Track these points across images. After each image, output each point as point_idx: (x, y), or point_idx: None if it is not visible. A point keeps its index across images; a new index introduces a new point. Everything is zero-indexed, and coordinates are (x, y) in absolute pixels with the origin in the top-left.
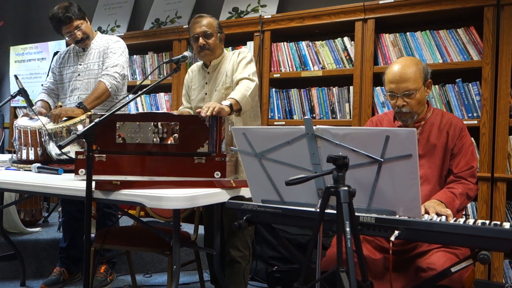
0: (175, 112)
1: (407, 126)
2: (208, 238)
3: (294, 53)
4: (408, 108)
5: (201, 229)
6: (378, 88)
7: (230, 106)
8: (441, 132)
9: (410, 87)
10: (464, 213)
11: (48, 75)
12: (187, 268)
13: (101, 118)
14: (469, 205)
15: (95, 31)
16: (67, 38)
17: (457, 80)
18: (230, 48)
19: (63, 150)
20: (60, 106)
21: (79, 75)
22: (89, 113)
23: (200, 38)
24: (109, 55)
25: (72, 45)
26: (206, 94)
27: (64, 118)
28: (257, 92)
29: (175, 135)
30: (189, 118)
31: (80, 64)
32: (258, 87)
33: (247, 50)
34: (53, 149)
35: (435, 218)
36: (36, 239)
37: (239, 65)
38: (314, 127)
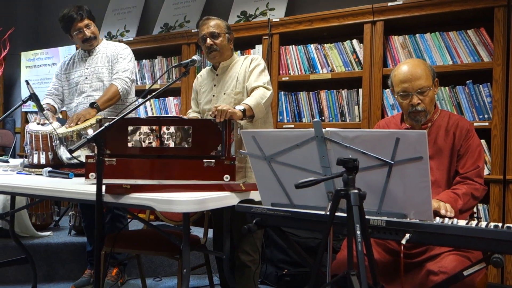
0: (184, 117)
1: (414, 128)
2: (217, 242)
3: (302, 56)
4: (423, 106)
5: (211, 233)
6: (387, 91)
7: (244, 111)
8: (448, 134)
9: (424, 84)
10: (476, 215)
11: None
12: (197, 271)
13: (111, 122)
14: (481, 208)
15: (104, 36)
16: (75, 34)
17: (467, 81)
18: (238, 51)
19: (74, 154)
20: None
21: (86, 78)
22: (99, 117)
23: (208, 38)
24: (118, 60)
25: (76, 51)
26: (213, 96)
27: None
28: (271, 101)
29: (187, 139)
30: (201, 122)
31: (87, 68)
32: (272, 96)
33: (260, 57)
34: (63, 153)
35: (447, 221)
36: (47, 243)
37: (253, 72)
38: (323, 130)
